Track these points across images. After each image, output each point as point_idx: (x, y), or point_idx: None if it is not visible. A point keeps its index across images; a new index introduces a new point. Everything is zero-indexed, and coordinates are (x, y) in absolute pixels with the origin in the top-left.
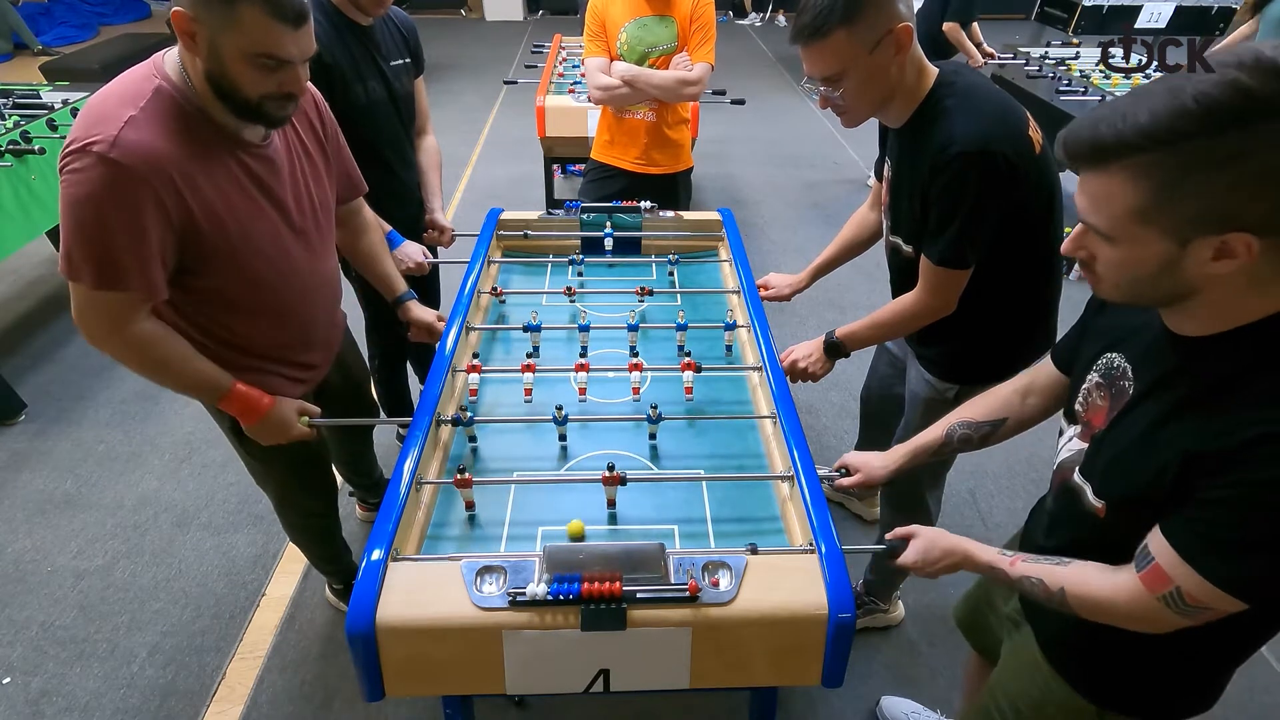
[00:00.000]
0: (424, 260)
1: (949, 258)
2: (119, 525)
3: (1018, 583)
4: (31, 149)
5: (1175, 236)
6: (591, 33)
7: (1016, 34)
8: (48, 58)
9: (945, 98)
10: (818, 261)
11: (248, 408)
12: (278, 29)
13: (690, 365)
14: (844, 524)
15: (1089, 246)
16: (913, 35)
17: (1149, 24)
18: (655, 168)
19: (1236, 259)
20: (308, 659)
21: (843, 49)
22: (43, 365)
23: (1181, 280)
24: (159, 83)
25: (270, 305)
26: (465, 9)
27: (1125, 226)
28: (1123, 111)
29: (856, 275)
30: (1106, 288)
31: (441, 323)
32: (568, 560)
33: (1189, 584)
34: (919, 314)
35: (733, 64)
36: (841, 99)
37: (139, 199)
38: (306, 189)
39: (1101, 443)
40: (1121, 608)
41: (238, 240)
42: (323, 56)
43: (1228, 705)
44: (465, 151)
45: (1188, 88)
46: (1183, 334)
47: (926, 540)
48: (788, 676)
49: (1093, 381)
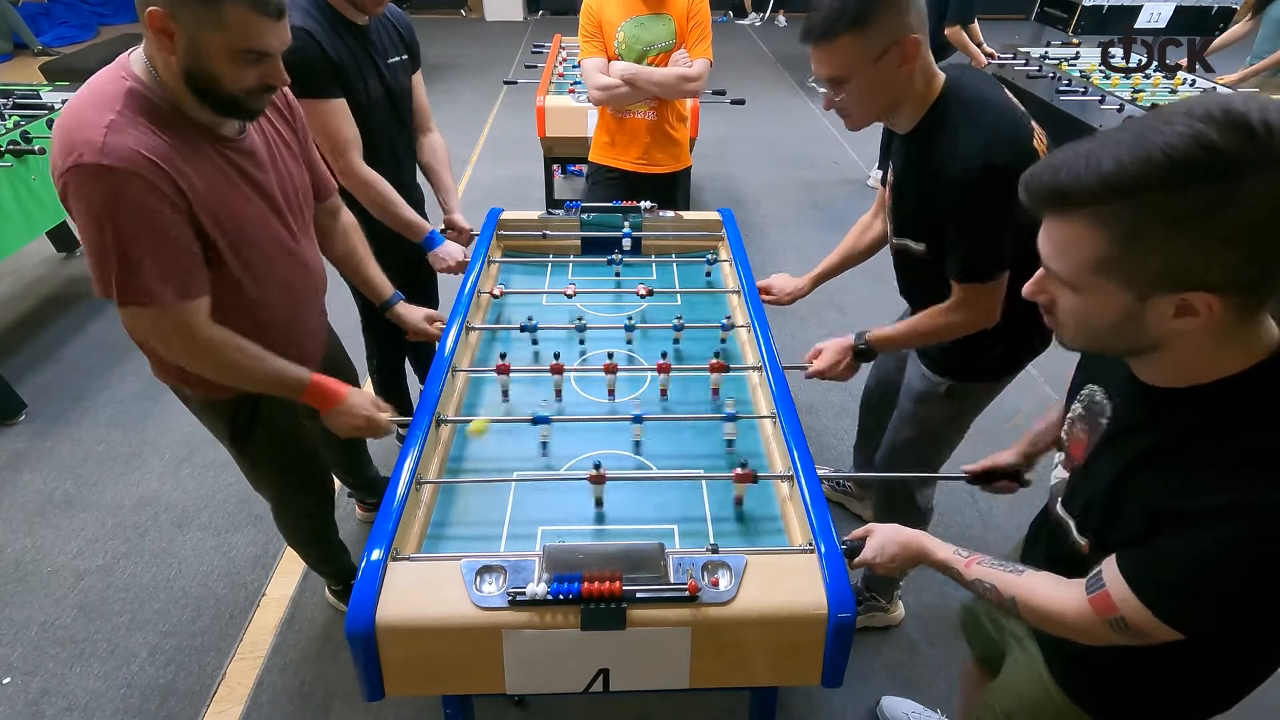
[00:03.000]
0: (465, 259)
1: (970, 273)
2: (119, 525)
3: (972, 585)
4: (31, 149)
5: (1135, 290)
6: (587, 33)
7: (1016, 34)
8: (48, 58)
9: (950, 108)
10: (820, 268)
11: (324, 398)
12: (261, 23)
13: (719, 366)
14: (844, 524)
15: (1050, 291)
16: (920, 47)
17: (1149, 24)
18: (657, 167)
19: (1198, 317)
20: (308, 659)
21: (848, 54)
22: (43, 365)
23: (1143, 333)
24: (130, 84)
25: (265, 296)
26: (465, 9)
27: (1086, 276)
28: (1086, 157)
29: (857, 276)
30: (1067, 335)
31: (433, 322)
32: (567, 560)
33: (1135, 615)
34: (953, 326)
35: (733, 64)
36: (844, 103)
37: (146, 199)
38: (289, 177)
39: (1080, 479)
40: (1068, 622)
41: (234, 234)
42: (328, 54)
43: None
44: (465, 151)
45: (1156, 139)
46: (1150, 383)
47: (881, 537)
48: (788, 676)
49: (1076, 412)
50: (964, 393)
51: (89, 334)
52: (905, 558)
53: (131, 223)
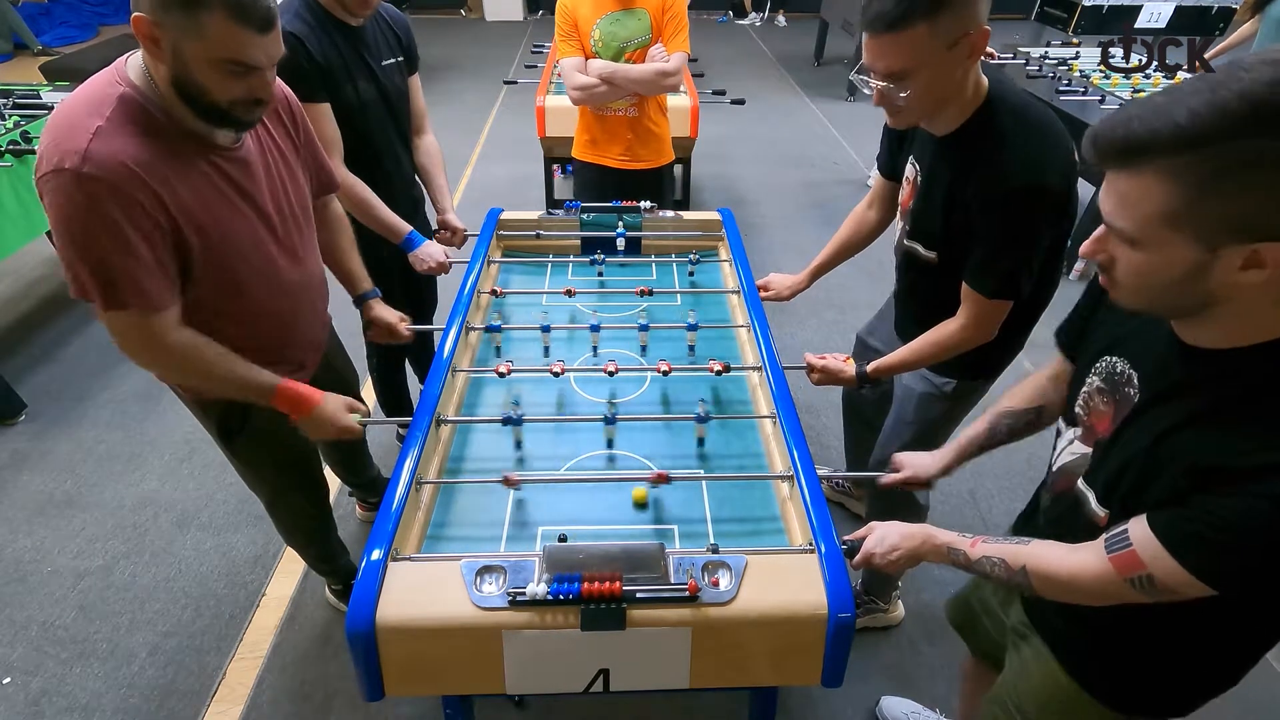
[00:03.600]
0: (446, 260)
1: (1003, 290)
2: (119, 525)
3: (977, 564)
4: (31, 149)
5: (1205, 242)
6: (564, 33)
7: (1016, 34)
8: (48, 58)
9: (999, 115)
10: (816, 262)
11: (296, 404)
12: (244, 35)
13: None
14: (844, 524)
15: (1110, 250)
16: (988, 40)
17: (1149, 24)
18: (640, 162)
19: (1266, 269)
20: (308, 659)
21: (920, 44)
22: (43, 365)
23: (1205, 289)
24: (123, 90)
25: (254, 309)
26: (465, 9)
27: (1153, 230)
28: (1158, 109)
29: (856, 275)
30: (1125, 294)
31: (405, 323)
32: (567, 560)
33: (1164, 571)
34: (962, 344)
35: (733, 64)
36: (902, 98)
37: (121, 211)
38: (284, 188)
39: (1108, 450)
40: (1083, 585)
41: (219, 245)
42: (314, 58)
43: (1227, 704)
44: (465, 151)
45: (1232, 85)
46: (1196, 345)
47: (879, 532)
48: (788, 676)
49: (1094, 385)
50: (967, 390)
51: (89, 334)
52: (908, 547)
53: (104, 231)
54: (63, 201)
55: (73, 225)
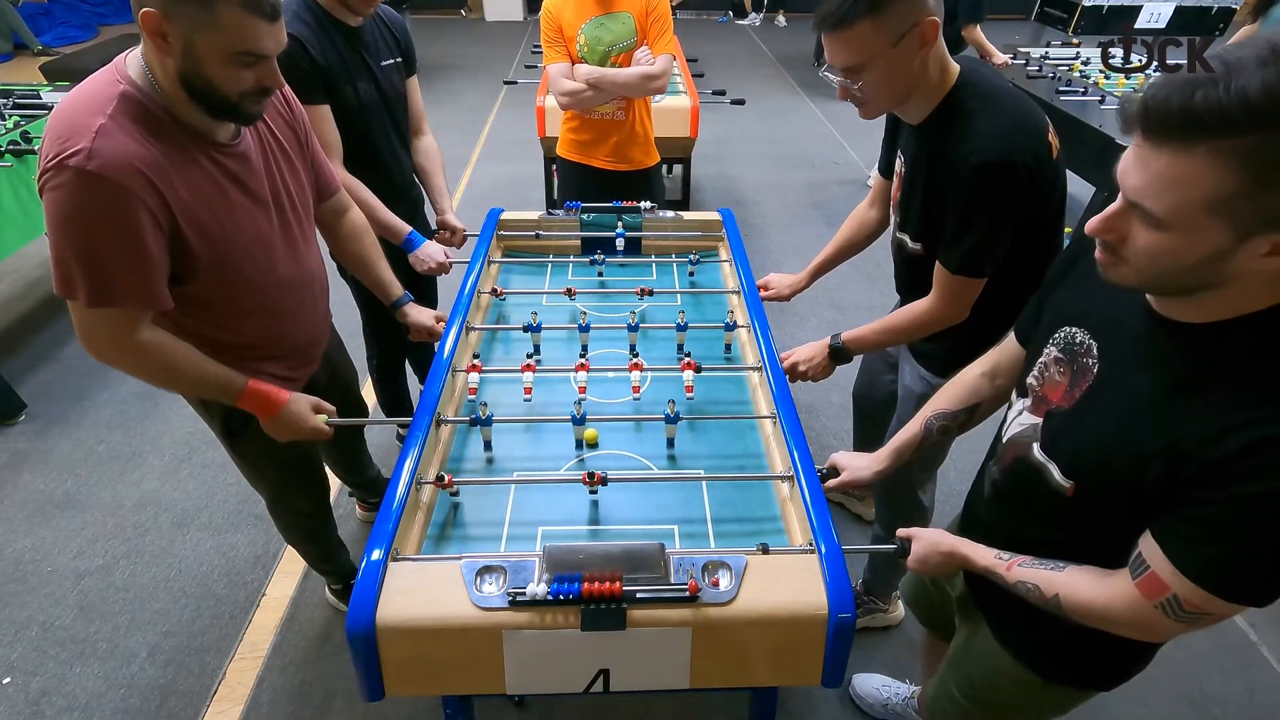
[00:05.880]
0: (446, 260)
1: (967, 267)
2: (119, 525)
3: (1014, 586)
4: (31, 149)
5: (1241, 231)
6: (549, 39)
7: (1016, 34)
8: (48, 58)
9: (968, 99)
10: (817, 261)
11: (263, 404)
12: (256, 24)
13: (690, 365)
14: (844, 524)
15: (1124, 229)
16: (938, 30)
17: (1149, 24)
18: (628, 164)
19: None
20: (308, 659)
21: (866, 39)
22: (43, 365)
23: (1219, 273)
24: (124, 87)
25: (257, 304)
26: (465, 9)
27: (1190, 215)
28: (1220, 81)
29: (856, 274)
30: (1128, 272)
31: (441, 323)
32: (568, 560)
33: (1185, 591)
34: (932, 321)
35: (733, 64)
36: (860, 91)
37: (125, 209)
38: (284, 184)
39: (1066, 420)
40: (1118, 615)
41: (221, 242)
42: (315, 60)
43: (1228, 705)
44: (465, 151)
45: None
46: (1179, 320)
47: (927, 544)
48: (788, 676)
49: (1051, 355)
50: None
51: None
52: (949, 565)
53: (106, 229)
54: (66, 198)
55: (73, 222)
